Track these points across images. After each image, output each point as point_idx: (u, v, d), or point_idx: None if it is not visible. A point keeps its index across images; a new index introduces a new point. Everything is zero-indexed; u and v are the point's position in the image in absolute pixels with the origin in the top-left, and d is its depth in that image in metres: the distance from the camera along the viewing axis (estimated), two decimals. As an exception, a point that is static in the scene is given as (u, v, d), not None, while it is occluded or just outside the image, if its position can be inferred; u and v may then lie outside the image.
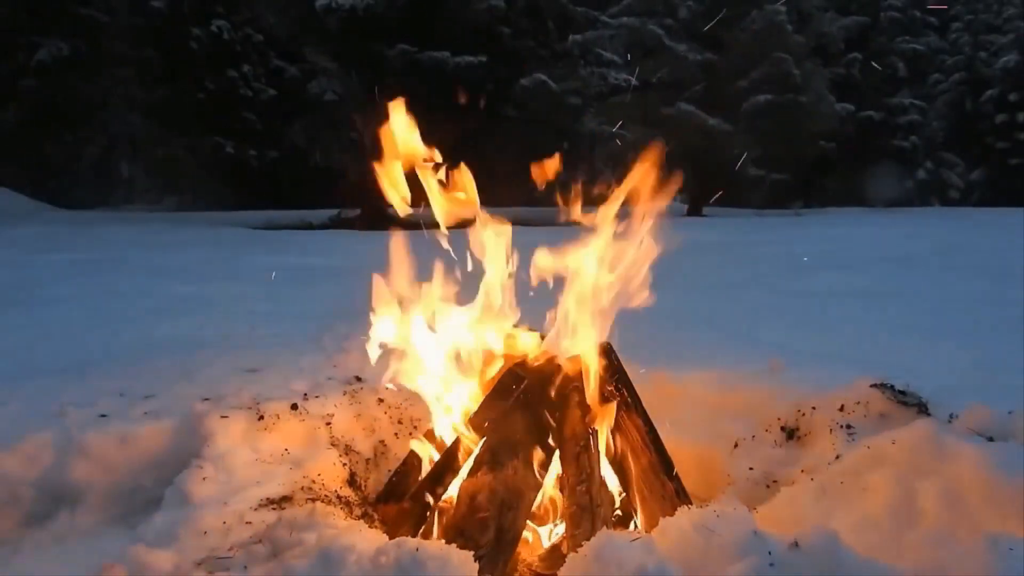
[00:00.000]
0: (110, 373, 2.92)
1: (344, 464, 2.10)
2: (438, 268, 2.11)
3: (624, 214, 2.03)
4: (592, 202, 2.05)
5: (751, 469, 2.23)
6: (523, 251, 2.17)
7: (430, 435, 2.10)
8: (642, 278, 2.04)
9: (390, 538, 1.62)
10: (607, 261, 2.05)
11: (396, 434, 2.39)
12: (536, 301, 2.15)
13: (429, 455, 2.02)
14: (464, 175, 2.08)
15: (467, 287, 2.14)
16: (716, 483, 2.24)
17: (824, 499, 1.81)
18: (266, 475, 1.93)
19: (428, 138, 2.04)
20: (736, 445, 2.35)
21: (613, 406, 1.96)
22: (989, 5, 36.68)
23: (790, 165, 28.86)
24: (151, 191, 26.84)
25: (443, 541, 1.58)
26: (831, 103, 23.59)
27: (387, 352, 2.15)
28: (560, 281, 2.09)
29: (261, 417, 2.21)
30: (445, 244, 2.09)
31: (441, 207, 2.09)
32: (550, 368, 1.96)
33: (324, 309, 4.76)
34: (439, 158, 2.08)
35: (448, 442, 1.99)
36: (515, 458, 1.80)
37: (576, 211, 2.05)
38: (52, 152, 22.54)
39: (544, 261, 2.04)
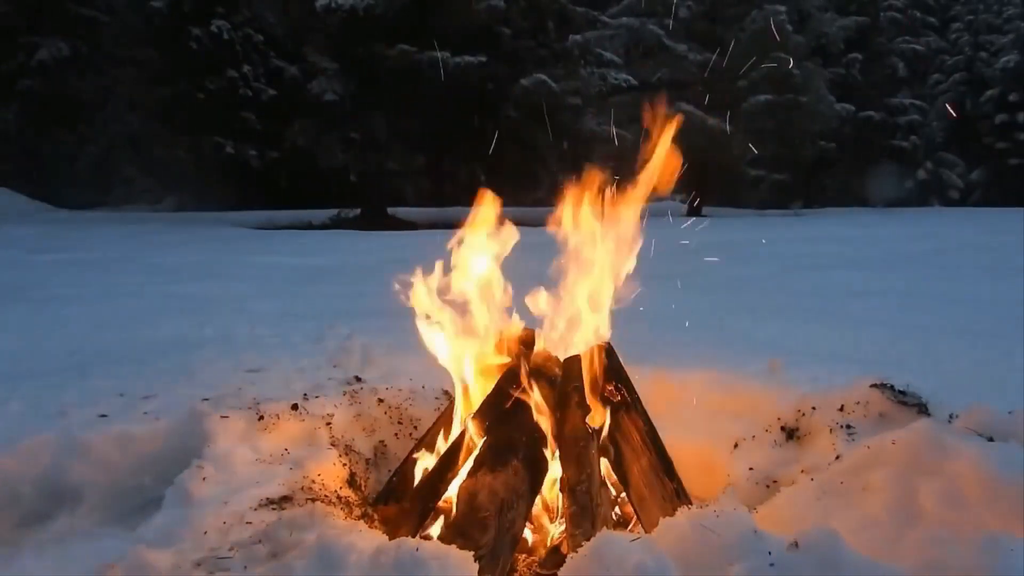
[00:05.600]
0: (110, 373, 2.92)
1: (344, 464, 2.10)
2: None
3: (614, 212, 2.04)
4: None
5: (751, 469, 2.23)
6: (525, 251, 2.17)
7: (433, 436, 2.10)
8: (629, 273, 2.05)
9: (390, 538, 1.62)
10: (602, 259, 2.05)
11: (396, 434, 2.39)
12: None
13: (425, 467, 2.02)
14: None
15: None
16: (716, 483, 2.24)
17: (824, 499, 1.81)
18: (266, 475, 1.93)
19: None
20: (736, 445, 2.35)
21: (613, 406, 1.96)
22: (989, 5, 36.69)
23: (790, 165, 28.87)
24: (151, 191, 26.83)
25: (443, 541, 1.58)
26: (831, 103, 23.59)
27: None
28: (559, 281, 2.10)
29: (261, 417, 2.21)
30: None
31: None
32: (550, 368, 1.96)
33: (324, 309, 4.77)
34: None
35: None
36: (515, 458, 1.80)
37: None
38: (52, 152, 22.55)
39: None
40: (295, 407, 2.29)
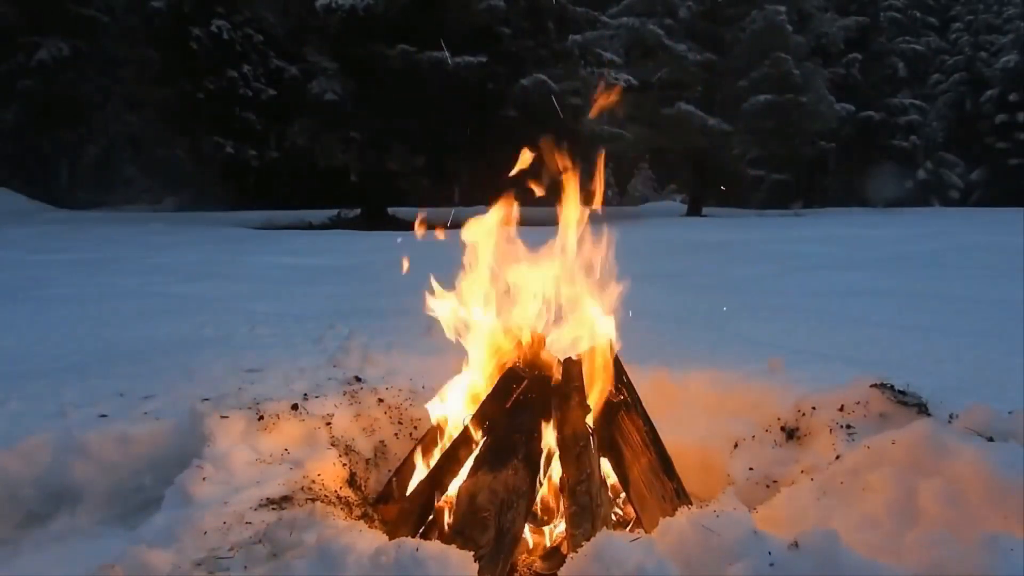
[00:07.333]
0: (110, 373, 2.91)
1: (344, 464, 2.10)
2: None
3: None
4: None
5: (751, 469, 2.23)
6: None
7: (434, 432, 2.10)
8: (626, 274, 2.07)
9: (390, 538, 1.62)
10: (587, 260, 2.07)
11: (396, 434, 2.39)
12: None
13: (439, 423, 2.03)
14: None
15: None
16: (716, 483, 2.24)
17: (824, 499, 1.81)
18: (266, 475, 1.93)
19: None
20: (736, 445, 2.35)
21: (613, 406, 1.96)
22: (989, 5, 36.72)
23: (790, 165, 28.90)
24: (151, 191, 26.87)
25: (443, 541, 1.58)
26: (831, 103, 23.60)
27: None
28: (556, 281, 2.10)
29: (261, 417, 2.21)
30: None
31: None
32: (550, 368, 1.96)
33: (324, 309, 4.77)
34: None
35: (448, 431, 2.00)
36: (515, 458, 1.80)
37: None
38: (52, 152, 22.57)
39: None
40: (295, 407, 2.29)
